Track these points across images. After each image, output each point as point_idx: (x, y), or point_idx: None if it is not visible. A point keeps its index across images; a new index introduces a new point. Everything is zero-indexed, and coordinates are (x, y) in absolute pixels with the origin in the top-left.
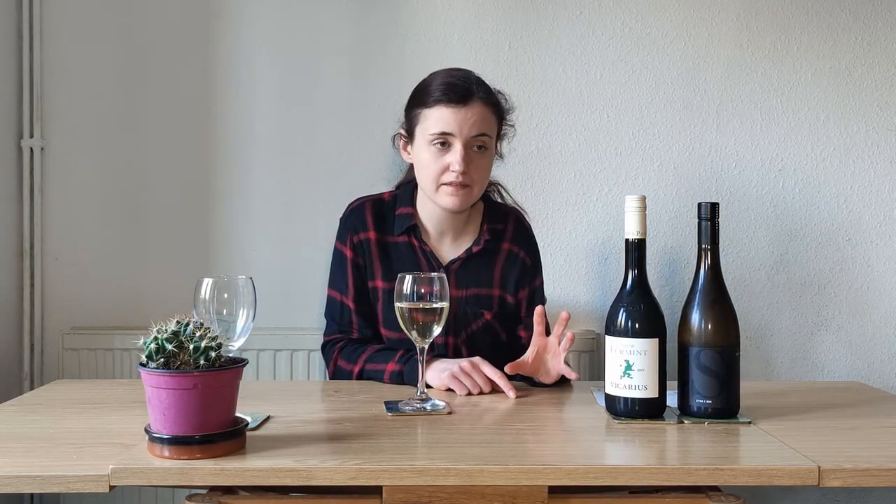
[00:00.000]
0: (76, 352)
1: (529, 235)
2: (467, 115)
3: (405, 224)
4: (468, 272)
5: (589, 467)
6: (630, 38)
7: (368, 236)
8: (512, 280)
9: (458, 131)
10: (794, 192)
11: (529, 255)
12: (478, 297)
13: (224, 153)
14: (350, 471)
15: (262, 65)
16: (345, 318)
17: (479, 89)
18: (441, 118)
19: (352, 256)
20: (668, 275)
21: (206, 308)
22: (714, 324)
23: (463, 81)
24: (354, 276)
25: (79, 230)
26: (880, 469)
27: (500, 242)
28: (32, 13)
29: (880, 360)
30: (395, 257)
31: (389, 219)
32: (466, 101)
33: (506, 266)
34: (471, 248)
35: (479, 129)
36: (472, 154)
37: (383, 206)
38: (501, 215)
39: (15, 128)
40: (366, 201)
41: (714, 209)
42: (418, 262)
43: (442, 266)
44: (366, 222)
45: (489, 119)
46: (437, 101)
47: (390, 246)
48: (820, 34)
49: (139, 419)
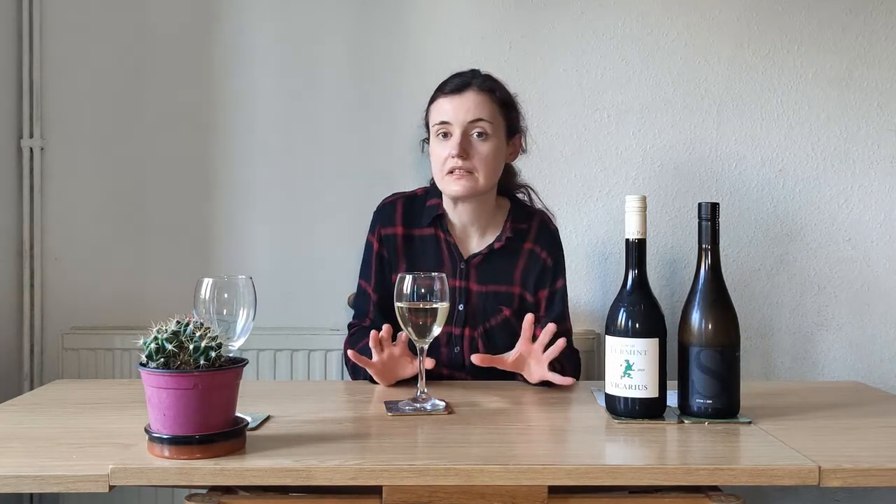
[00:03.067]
0: (76, 352)
1: (554, 237)
2: (462, 102)
3: (433, 213)
4: (489, 268)
5: (589, 467)
6: (630, 38)
7: (395, 231)
8: (532, 280)
9: (455, 119)
10: (794, 192)
11: (552, 256)
12: (497, 293)
13: (224, 153)
14: (350, 471)
15: (262, 64)
16: (365, 306)
17: (475, 80)
18: (439, 108)
19: (378, 248)
20: (668, 275)
21: (206, 308)
22: (714, 324)
23: (461, 75)
24: (377, 267)
25: (79, 230)
26: (880, 469)
27: (522, 242)
28: (32, 13)
29: (880, 360)
30: (420, 249)
31: (419, 212)
32: (462, 90)
33: (527, 266)
34: (492, 245)
35: (474, 114)
36: (471, 141)
37: (415, 201)
38: (526, 216)
39: (15, 128)
40: (399, 198)
41: (714, 209)
42: (441, 254)
43: (464, 259)
44: (394, 218)
45: (486, 104)
46: (437, 96)
47: (416, 239)
48: (820, 34)
49: (139, 419)
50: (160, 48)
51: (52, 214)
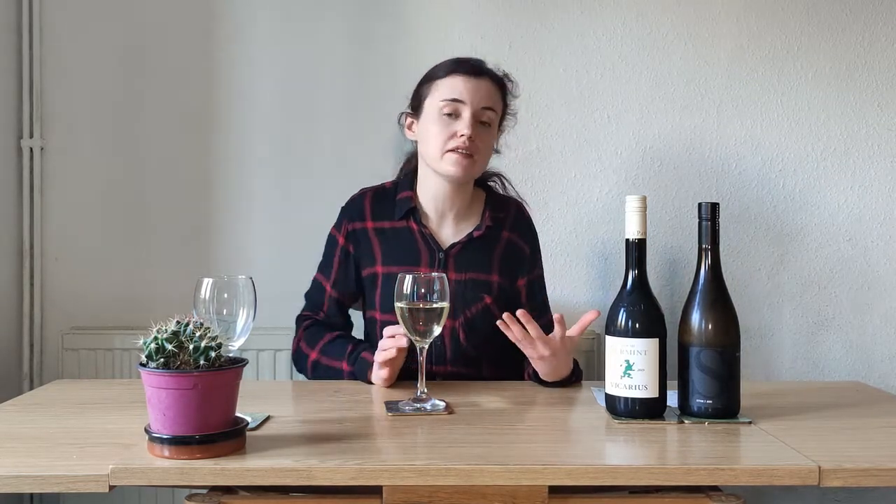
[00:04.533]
0: (76, 352)
1: (530, 225)
2: (479, 85)
3: (404, 207)
4: (467, 256)
5: (589, 467)
6: (630, 38)
7: (365, 225)
8: (510, 268)
9: (469, 100)
10: (794, 192)
11: (529, 244)
12: (476, 281)
13: (224, 153)
14: (350, 471)
15: (262, 65)
16: (320, 300)
17: (487, 69)
18: (454, 86)
19: (342, 244)
20: (668, 275)
21: (206, 308)
22: (714, 324)
23: (470, 59)
24: (340, 263)
25: (79, 230)
26: (880, 469)
27: (500, 230)
28: (32, 13)
29: (880, 360)
30: (395, 242)
31: (389, 205)
32: (479, 74)
33: (505, 253)
34: (472, 233)
35: (487, 101)
36: (477, 126)
37: (385, 194)
38: (503, 204)
39: (15, 128)
40: (367, 192)
41: (714, 209)
42: (417, 245)
43: (441, 249)
44: (363, 212)
45: (496, 96)
46: (450, 72)
47: (389, 231)
48: (820, 34)
49: (139, 419)
50: (160, 48)
51: (52, 214)
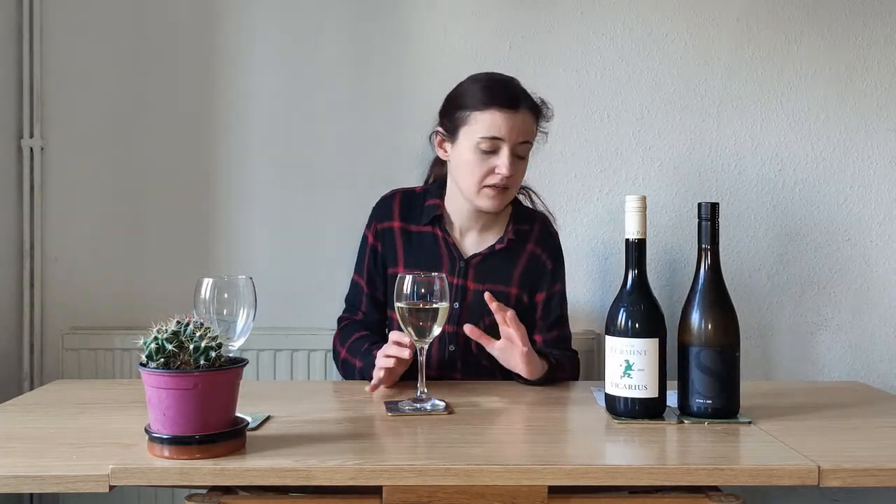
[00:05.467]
0: (76, 352)
1: (555, 240)
2: (517, 121)
3: (431, 214)
4: (487, 268)
5: (589, 467)
6: (630, 39)
7: (392, 225)
8: (531, 281)
9: (507, 136)
10: (794, 192)
11: (552, 259)
12: (493, 292)
13: (224, 153)
14: (350, 471)
15: (262, 65)
16: (357, 301)
17: (524, 97)
18: (493, 123)
19: (372, 242)
20: (668, 275)
21: (206, 308)
22: (714, 324)
23: (512, 89)
24: (371, 261)
25: (79, 230)
26: (880, 469)
27: (524, 243)
28: (32, 12)
29: (880, 360)
30: (419, 246)
31: (417, 209)
32: (517, 107)
33: (527, 267)
34: (494, 246)
35: (524, 136)
36: (514, 159)
37: (413, 197)
38: (528, 218)
39: (15, 128)
40: (397, 192)
41: (714, 209)
42: (440, 251)
43: (463, 258)
44: (391, 212)
45: (532, 127)
46: (489, 105)
47: (414, 235)
48: (820, 34)
49: (139, 419)
50: (160, 48)
51: (52, 214)
